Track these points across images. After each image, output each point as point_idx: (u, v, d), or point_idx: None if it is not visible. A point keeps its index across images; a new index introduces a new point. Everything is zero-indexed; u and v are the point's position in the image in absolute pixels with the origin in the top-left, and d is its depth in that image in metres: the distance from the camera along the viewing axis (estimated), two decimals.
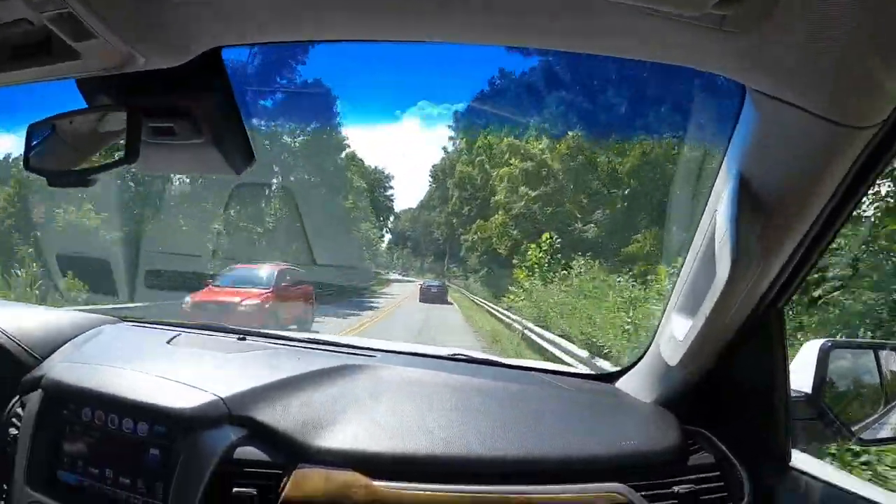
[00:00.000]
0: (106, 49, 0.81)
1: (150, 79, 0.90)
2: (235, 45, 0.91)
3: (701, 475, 1.27)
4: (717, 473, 1.29)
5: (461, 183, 30.32)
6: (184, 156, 1.07)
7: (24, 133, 0.99)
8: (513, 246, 21.23)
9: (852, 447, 3.03)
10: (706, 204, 1.17)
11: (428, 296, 21.50)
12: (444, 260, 36.53)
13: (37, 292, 11.24)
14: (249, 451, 1.26)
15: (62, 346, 1.70)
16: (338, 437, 1.26)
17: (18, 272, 11.72)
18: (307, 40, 0.93)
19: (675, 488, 1.23)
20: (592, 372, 1.82)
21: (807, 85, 0.79)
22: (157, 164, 1.22)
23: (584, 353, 9.47)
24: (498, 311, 17.28)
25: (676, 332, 1.26)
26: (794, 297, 1.27)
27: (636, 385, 1.57)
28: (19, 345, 1.64)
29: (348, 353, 1.75)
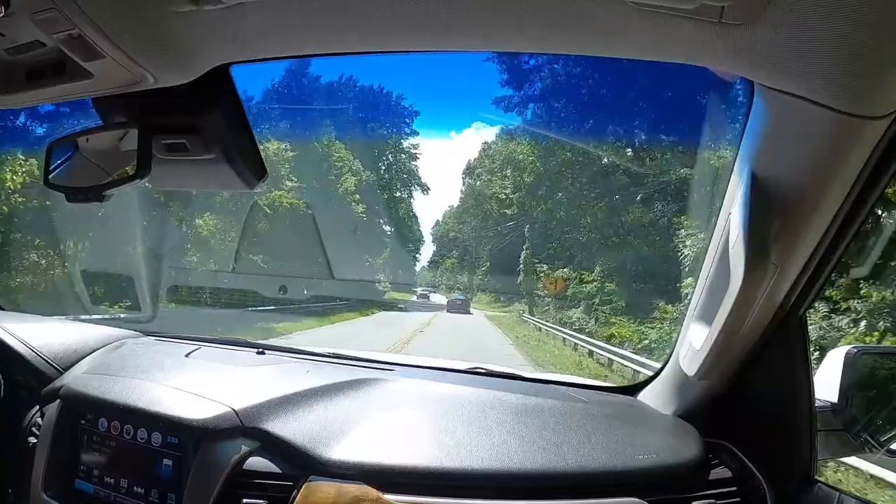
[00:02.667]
0: (116, 68, 0.84)
1: (161, 96, 0.93)
2: (242, 62, 0.94)
3: (722, 489, 1.25)
4: (738, 488, 1.26)
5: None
6: (196, 172, 1.10)
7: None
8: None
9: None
10: (720, 209, 1.15)
11: (454, 307, 26.51)
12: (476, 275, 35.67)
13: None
14: (260, 463, 1.27)
15: (83, 358, 1.75)
16: (349, 450, 1.26)
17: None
18: (314, 55, 0.93)
19: (695, 503, 1.21)
20: (612, 385, 1.78)
21: (815, 76, 0.77)
22: (171, 181, 1.26)
23: None
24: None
25: (694, 341, 1.24)
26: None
27: (656, 397, 1.55)
28: (41, 356, 1.69)
29: (366, 367, 1.76)
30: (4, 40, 0.81)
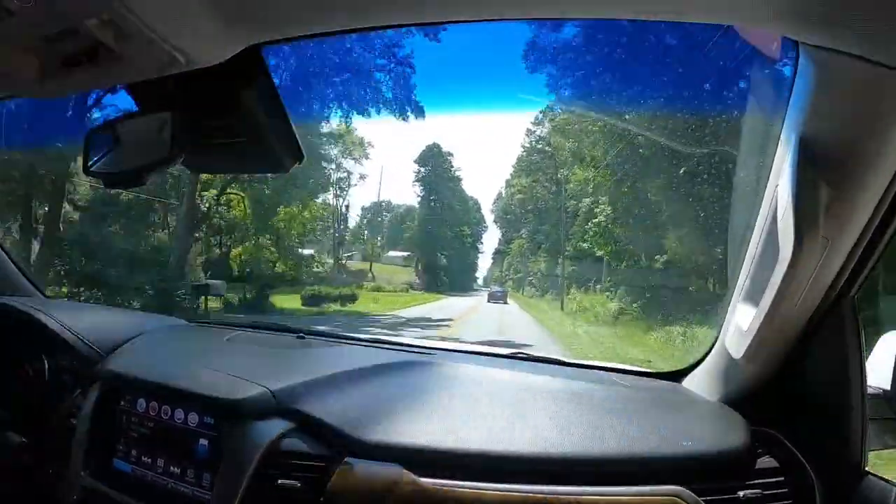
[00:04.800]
0: (148, 51, 0.84)
1: (194, 79, 0.93)
2: (275, 42, 0.93)
3: (768, 479, 1.21)
4: (785, 478, 1.22)
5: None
6: (231, 154, 1.10)
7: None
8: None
9: None
10: (767, 180, 1.11)
11: (493, 298, 28.10)
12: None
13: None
14: (296, 444, 1.29)
15: (125, 343, 1.81)
16: (386, 432, 1.27)
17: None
18: (348, 30, 0.92)
19: (741, 493, 1.17)
20: (656, 370, 1.74)
21: (865, 29, 0.72)
22: (206, 164, 1.28)
23: None
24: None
25: (741, 322, 1.20)
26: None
27: (701, 383, 1.52)
28: (84, 341, 1.76)
29: (407, 352, 1.78)
30: (38, 29, 0.82)
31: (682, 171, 12.82)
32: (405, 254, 38.16)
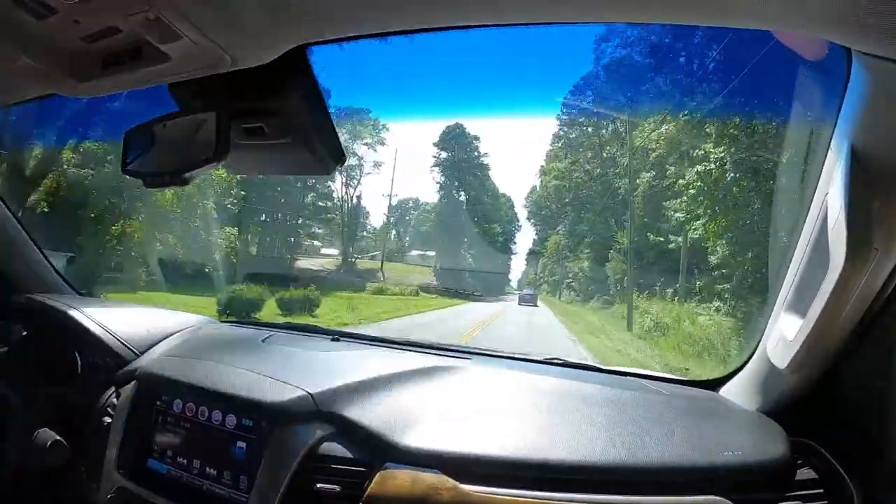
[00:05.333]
0: (193, 50, 0.85)
1: (238, 80, 0.94)
2: (321, 42, 0.93)
3: (808, 491, 1.20)
4: (824, 490, 1.20)
5: None
6: (273, 156, 1.11)
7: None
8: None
9: None
10: (815, 188, 1.09)
11: (523, 301, 27.84)
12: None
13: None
14: (335, 448, 1.29)
15: (160, 341, 1.84)
16: (425, 437, 1.27)
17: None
18: (395, 31, 0.90)
19: None
20: (693, 378, 1.71)
21: None
22: (248, 166, 1.30)
23: None
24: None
25: (786, 331, 1.18)
26: None
27: (740, 392, 1.50)
28: (119, 339, 1.79)
29: (441, 355, 1.78)
30: (80, 27, 0.83)
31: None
32: (429, 253, 35.81)
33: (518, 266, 38.75)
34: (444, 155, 35.42)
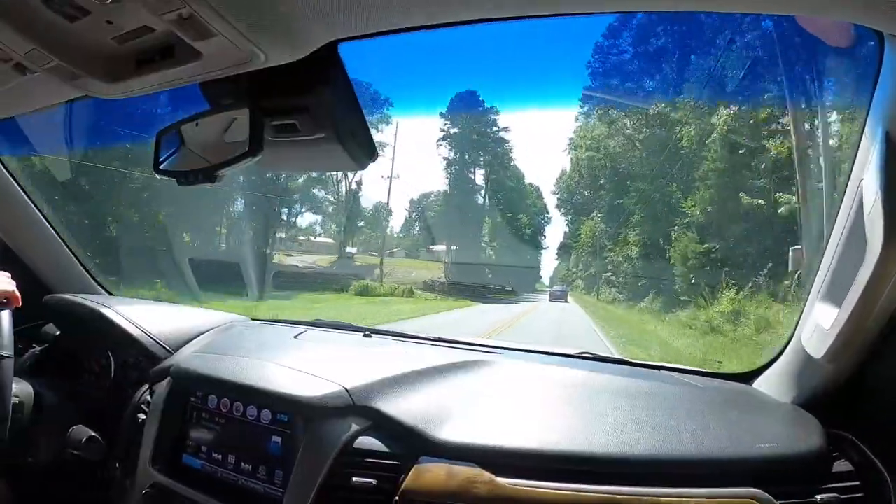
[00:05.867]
0: (227, 47, 0.84)
1: (270, 77, 0.94)
2: (355, 38, 0.92)
3: (844, 483, 1.18)
4: (860, 482, 1.19)
5: None
6: (306, 153, 1.10)
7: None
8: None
9: None
10: (850, 175, 1.07)
11: (554, 297, 27.52)
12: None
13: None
14: (370, 442, 1.30)
15: (192, 339, 1.87)
16: (460, 431, 1.27)
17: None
18: (428, 25, 0.89)
19: (818, 497, 1.14)
20: (725, 371, 1.70)
21: None
22: (281, 163, 1.31)
23: None
24: None
25: (822, 321, 1.17)
26: None
27: (774, 384, 1.49)
28: (152, 338, 1.81)
29: (473, 350, 1.79)
30: (112, 28, 0.83)
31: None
32: (439, 246, 31.61)
33: (549, 262, 36.34)
34: (454, 130, 30.42)
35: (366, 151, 1.06)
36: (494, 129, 31.31)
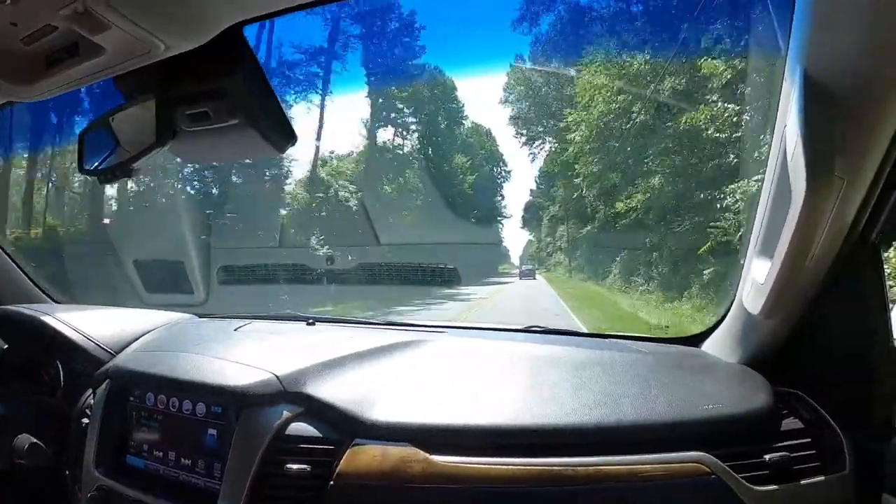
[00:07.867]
0: (125, 39, 0.84)
1: (177, 66, 0.93)
2: (254, 20, 0.92)
3: (794, 441, 1.18)
4: (812, 439, 1.18)
5: None
6: (223, 141, 1.08)
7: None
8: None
9: None
10: (775, 122, 1.05)
11: (523, 275, 26.38)
12: None
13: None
14: (303, 428, 1.28)
15: (135, 340, 1.83)
16: (395, 411, 1.26)
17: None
18: (324, 1, 0.91)
19: (766, 456, 1.13)
20: (674, 336, 1.72)
21: None
22: (199, 154, 1.30)
23: None
24: None
25: (758, 276, 1.16)
26: None
27: (721, 345, 1.49)
28: (94, 342, 1.78)
29: (418, 331, 1.78)
30: (19, 30, 0.83)
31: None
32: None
33: (516, 237, 34.32)
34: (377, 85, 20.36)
35: (283, 135, 1.05)
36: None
